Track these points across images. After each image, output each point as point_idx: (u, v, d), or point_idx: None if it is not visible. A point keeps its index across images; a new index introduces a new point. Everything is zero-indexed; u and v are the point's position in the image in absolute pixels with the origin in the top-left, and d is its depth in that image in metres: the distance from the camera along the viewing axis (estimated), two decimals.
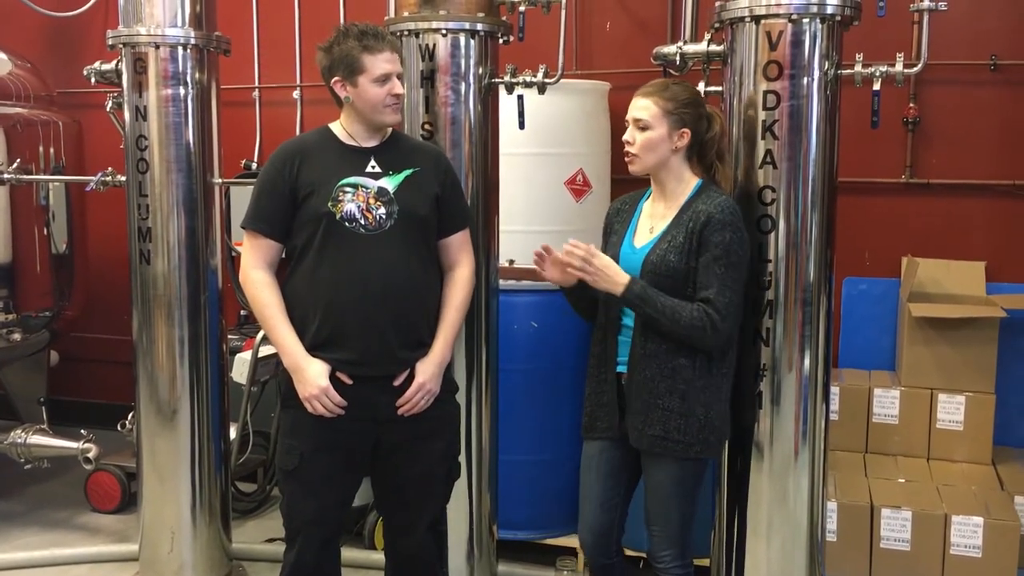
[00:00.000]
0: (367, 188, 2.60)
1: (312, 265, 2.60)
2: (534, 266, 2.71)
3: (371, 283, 2.56)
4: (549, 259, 2.67)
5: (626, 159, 2.63)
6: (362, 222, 2.58)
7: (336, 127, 2.71)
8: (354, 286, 2.56)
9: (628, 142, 2.60)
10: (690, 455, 2.56)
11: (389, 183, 2.63)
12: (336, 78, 2.62)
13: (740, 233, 2.52)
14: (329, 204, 2.57)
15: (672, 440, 2.54)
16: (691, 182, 2.63)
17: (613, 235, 2.73)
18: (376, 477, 2.78)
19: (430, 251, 2.71)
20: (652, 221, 2.65)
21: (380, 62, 2.58)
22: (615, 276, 2.52)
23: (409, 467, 2.70)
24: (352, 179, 2.61)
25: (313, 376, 2.56)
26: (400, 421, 2.65)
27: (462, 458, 3.08)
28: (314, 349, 2.60)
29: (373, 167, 2.64)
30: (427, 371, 2.64)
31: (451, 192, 2.75)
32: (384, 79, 2.59)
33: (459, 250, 2.77)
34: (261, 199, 2.65)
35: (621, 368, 2.63)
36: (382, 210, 2.60)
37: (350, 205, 2.58)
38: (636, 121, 2.58)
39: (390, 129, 2.73)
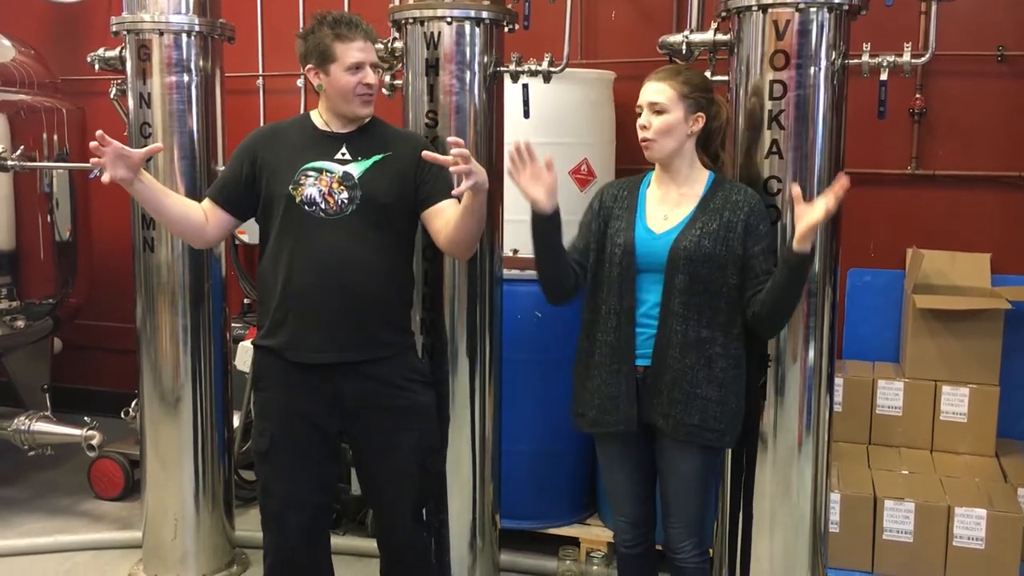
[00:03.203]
0: (331, 172, 2.61)
1: (274, 248, 2.63)
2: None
3: (327, 266, 2.56)
4: (531, 171, 2.46)
5: (642, 144, 2.58)
6: (322, 206, 2.58)
7: (315, 113, 2.72)
8: (310, 269, 2.57)
9: (644, 126, 2.55)
10: (723, 444, 2.57)
11: (355, 168, 2.63)
12: (309, 66, 2.63)
13: None
14: (290, 187, 2.59)
15: (709, 429, 2.53)
16: (703, 171, 2.62)
17: (617, 221, 2.63)
18: (358, 473, 2.83)
19: (396, 239, 2.67)
20: (665, 208, 2.61)
21: (352, 50, 2.58)
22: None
23: (382, 462, 2.71)
24: (318, 164, 2.61)
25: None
26: (363, 412, 2.66)
27: (466, 448, 3.10)
28: (273, 331, 2.63)
29: (343, 154, 2.64)
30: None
31: (433, 170, 2.63)
32: (356, 68, 2.59)
33: (455, 205, 2.63)
34: (223, 171, 2.75)
35: (642, 361, 2.57)
36: (344, 195, 2.59)
37: (311, 189, 2.58)
38: (652, 105, 2.54)
39: (370, 118, 2.71)
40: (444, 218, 2.64)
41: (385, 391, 2.66)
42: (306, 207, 2.58)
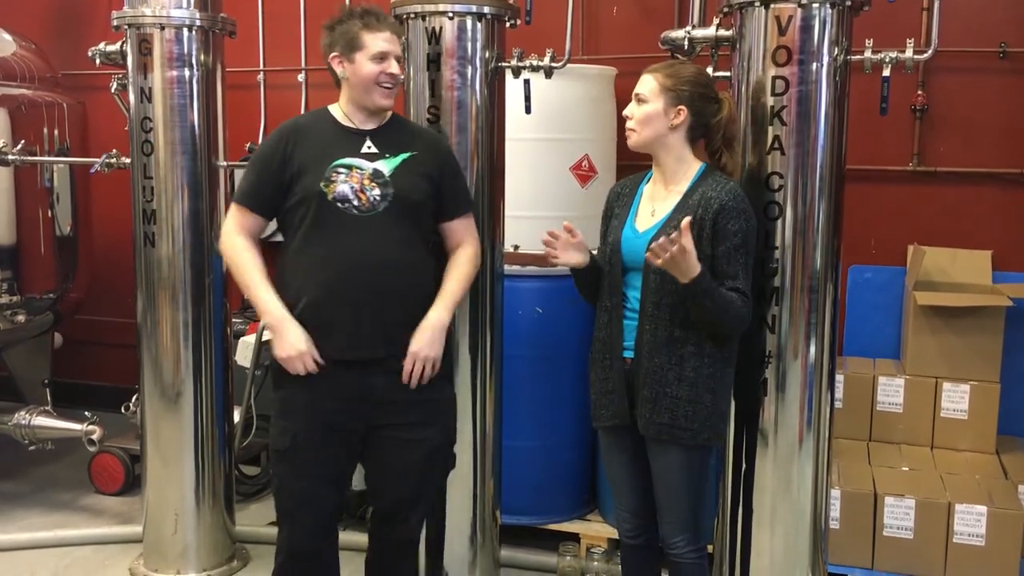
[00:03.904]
0: (362, 169, 2.60)
1: (302, 244, 2.60)
2: (541, 252, 2.69)
3: (360, 263, 2.56)
4: (560, 243, 2.63)
5: (626, 133, 2.63)
6: (355, 203, 2.57)
7: (335, 108, 2.71)
8: (342, 266, 2.56)
9: (627, 116, 2.60)
10: (698, 442, 2.55)
11: (385, 165, 2.62)
12: (334, 54, 2.63)
13: (753, 220, 2.52)
14: (321, 184, 2.57)
15: (680, 428, 2.53)
16: (694, 165, 2.60)
17: (614, 219, 2.69)
18: (369, 464, 2.77)
19: (424, 237, 2.68)
20: (653, 204, 2.63)
21: (379, 40, 2.59)
22: (692, 266, 2.38)
23: (403, 455, 2.69)
24: (347, 160, 2.60)
25: (294, 337, 2.55)
26: (393, 404, 2.64)
27: (467, 444, 3.10)
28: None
29: (369, 147, 2.63)
30: (419, 338, 2.61)
31: (451, 178, 2.74)
32: (381, 57, 2.59)
33: (463, 233, 2.76)
34: (252, 175, 2.67)
35: (628, 354, 2.60)
36: (376, 192, 2.59)
37: (343, 186, 2.57)
38: (636, 95, 2.59)
39: (390, 113, 2.71)
40: (452, 241, 2.76)
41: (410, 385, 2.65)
42: (338, 204, 2.56)
